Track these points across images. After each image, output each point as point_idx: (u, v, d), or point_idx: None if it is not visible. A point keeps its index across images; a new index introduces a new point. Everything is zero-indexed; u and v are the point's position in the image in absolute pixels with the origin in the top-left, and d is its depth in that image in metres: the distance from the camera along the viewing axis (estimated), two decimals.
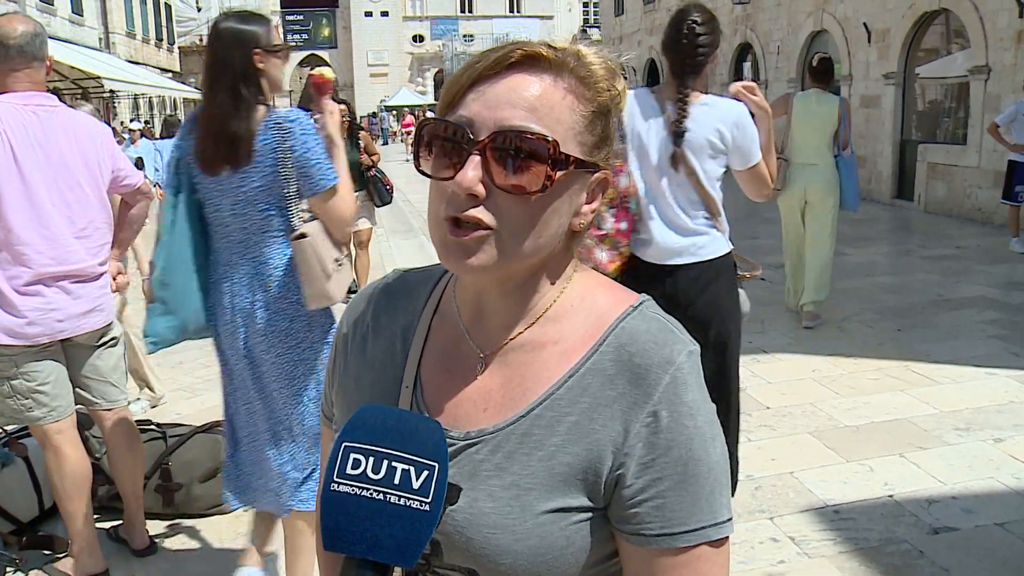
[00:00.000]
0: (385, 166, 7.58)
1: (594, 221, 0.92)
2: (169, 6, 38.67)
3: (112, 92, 23.69)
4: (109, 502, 3.45)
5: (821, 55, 6.53)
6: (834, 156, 5.94)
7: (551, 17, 58.48)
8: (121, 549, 3.28)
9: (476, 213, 0.82)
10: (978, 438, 4.11)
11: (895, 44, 12.66)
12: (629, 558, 0.87)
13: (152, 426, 3.70)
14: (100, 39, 28.41)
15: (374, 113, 41.18)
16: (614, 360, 0.87)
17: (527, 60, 0.84)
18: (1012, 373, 5.01)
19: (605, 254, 2.84)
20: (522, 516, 0.84)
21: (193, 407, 4.95)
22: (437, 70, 58.02)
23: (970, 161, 11.08)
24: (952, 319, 6.31)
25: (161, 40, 36.44)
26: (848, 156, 5.97)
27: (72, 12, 25.75)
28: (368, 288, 1.06)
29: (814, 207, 6.00)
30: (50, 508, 3.48)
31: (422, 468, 0.81)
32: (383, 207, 7.34)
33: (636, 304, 0.92)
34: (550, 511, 0.85)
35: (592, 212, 0.91)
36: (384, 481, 0.81)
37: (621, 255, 2.87)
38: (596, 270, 2.85)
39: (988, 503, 3.47)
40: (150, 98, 31.62)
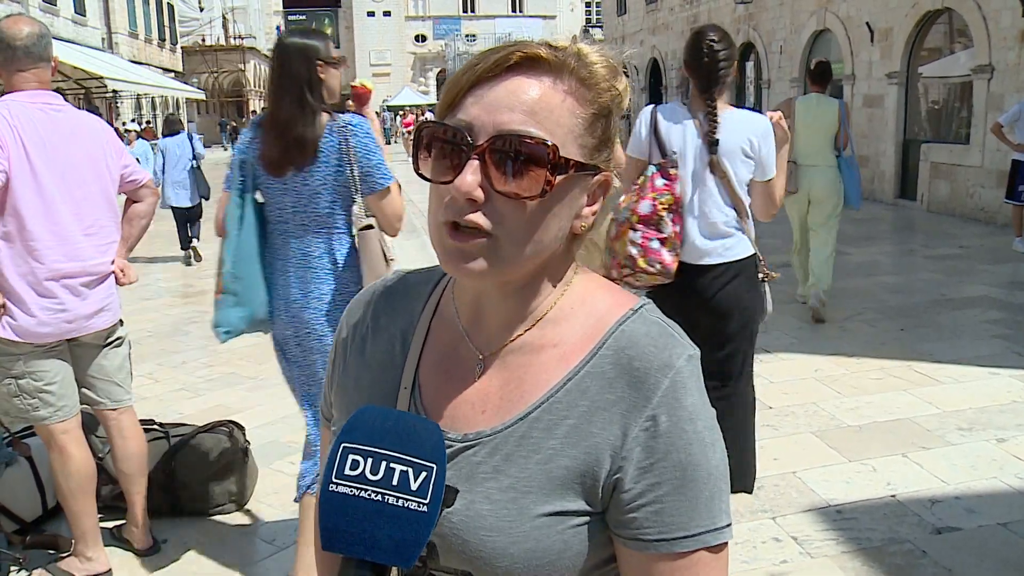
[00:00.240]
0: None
1: (595, 224, 0.91)
2: (172, 6, 38.72)
3: (115, 92, 23.78)
4: (112, 502, 3.46)
5: (818, 59, 6.85)
6: (836, 156, 6.20)
7: (553, 17, 58.49)
8: (124, 549, 3.29)
9: (475, 218, 0.81)
10: (981, 438, 4.10)
11: (898, 43, 12.64)
12: (627, 563, 0.86)
13: (155, 426, 3.70)
14: (103, 39, 28.46)
15: (376, 112, 41.21)
16: (613, 363, 0.86)
17: (527, 62, 0.82)
18: (1015, 373, 5.00)
19: (669, 255, 3.11)
20: (519, 519, 0.84)
21: (196, 407, 4.96)
22: (439, 70, 58.05)
23: (973, 161, 11.07)
24: (955, 319, 6.30)
25: (164, 40, 36.49)
26: (849, 156, 6.24)
27: (75, 12, 25.80)
28: (368, 289, 1.06)
29: (818, 206, 6.25)
30: (53, 507, 3.49)
31: (420, 469, 0.81)
32: None
33: (636, 307, 0.91)
34: (547, 514, 0.84)
35: (593, 215, 0.90)
36: (382, 482, 0.82)
37: (678, 256, 3.13)
38: (664, 271, 2.83)
39: (991, 503, 3.46)
40: (152, 98, 31.68)
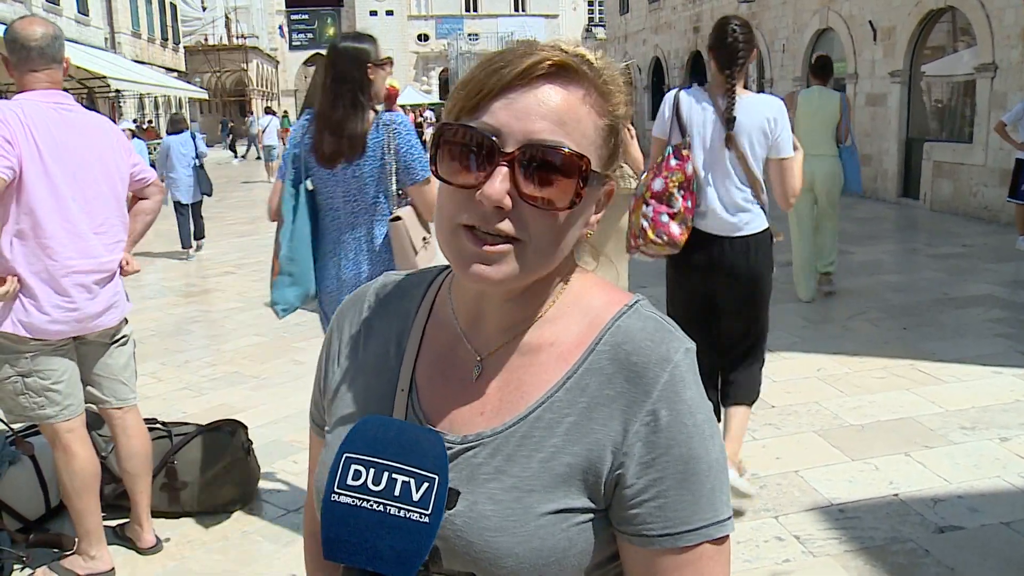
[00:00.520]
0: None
1: (595, 227, 0.91)
2: (174, 6, 38.76)
3: (118, 92, 23.80)
4: (115, 501, 3.46)
5: (820, 54, 7.38)
6: (837, 145, 6.68)
7: (556, 16, 58.45)
8: (127, 548, 3.29)
9: (503, 226, 0.80)
10: (984, 437, 4.10)
11: (901, 42, 12.62)
12: (630, 559, 0.86)
13: (158, 425, 3.70)
14: (106, 39, 28.49)
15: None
16: (611, 359, 0.86)
17: (556, 70, 0.82)
18: (1018, 372, 4.99)
19: (677, 228, 3.36)
20: (524, 518, 0.83)
21: (199, 406, 4.96)
22: (442, 69, 58.04)
23: (976, 159, 11.05)
24: (958, 318, 6.29)
25: (166, 40, 36.53)
26: (849, 145, 6.71)
27: (78, 12, 25.83)
28: (358, 293, 1.04)
29: (821, 193, 6.64)
30: (56, 506, 3.50)
31: (422, 480, 0.82)
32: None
33: (630, 303, 0.91)
34: (552, 512, 0.83)
35: (597, 222, 0.91)
36: (384, 493, 0.83)
37: (688, 228, 3.37)
38: (672, 242, 3.09)
39: (994, 502, 3.46)
40: (155, 98, 31.70)
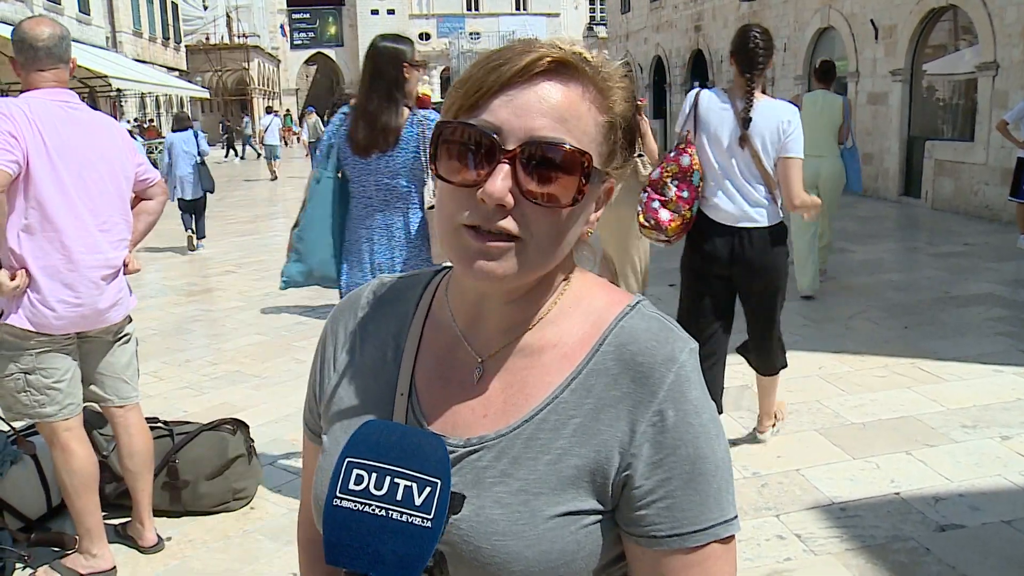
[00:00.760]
0: None
1: (595, 225, 0.91)
2: (176, 5, 38.77)
3: (119, 91, 23.81)
4: (116, 500, 3.47)
5: (823, 59, 7.62)
6: (839, 146, 6.90)
7: (557, 15, 58.44)
8: (128, 546, 3.30)
9: (505, 224, 0.79)
10: (985, 435, 4.09)
11: (902, 41, 12.61)
12: (638, 560, 0.85)
13: (159, 424, 3.71)
14: (107, 38, 28.50)
15: None
16: (616, 359, 0.86)
17: (556, 67, 0.81)
18: (1019, 370, 4.99)
19: (667, 214, 3.60)
20: (532, 521, 0.82)
21: (200, 405, 4.97)
22: (443, 68, 58.03)
23: (978, 158, 11.04)
24: (959, 316, 6.29)
25: (168, 39, 36.54)
26: (851, 147, 7.00)
27: (79, 11, 25.85)
28: (352, 296, 1.03)
29: (824, 191, 6.79)
30: (58, 505, 3.50)
31: (424, 485, 0.82)
32: None
33: (633, 303, 0.90)
34: (560, 515, 0.83)
35: (596, 220, 0.90)
36: (386, 497, 0.82)
37: (682, 217, 3.59)
38: (658, 226, 3.26)
39: (995, 500, 3.46)
40: (157, 97, 31.71)
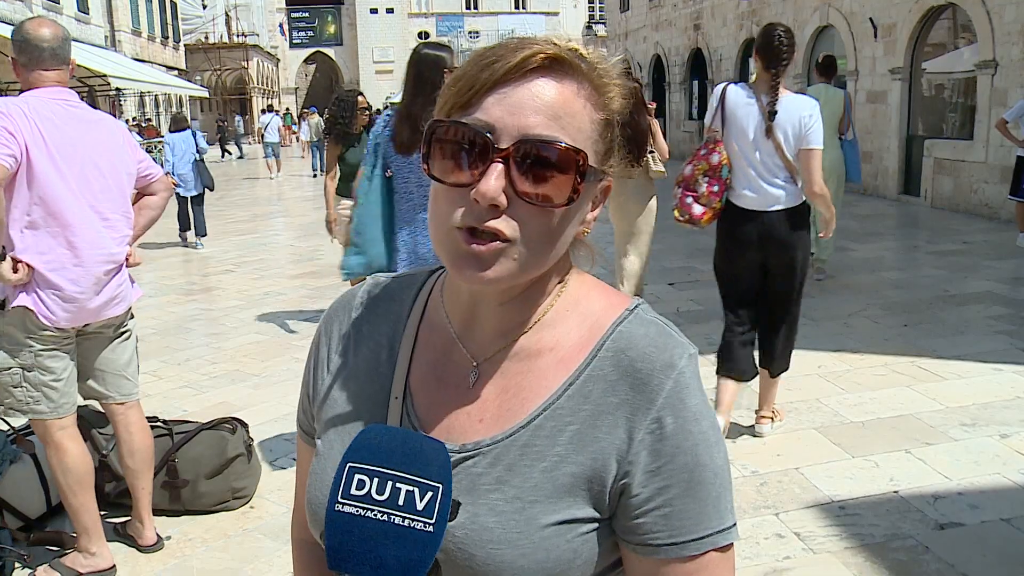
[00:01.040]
0: None
1: (592, 225, 0.89)
2: (175, 4, 38.72)
3: (118, 90, 23.78)
4: (116, 499, 3.47)
5: (826, 54, 7.86)
6: (840, 138, 7.07)
7: (556, 13, 58.39)
8: (128, 545, 3.30)
9: (498, 224, 0.77)
10: (984, 434, 4.10)
11: (901, 39, 12.61)
12: (635, 569, 0.84)
13: (159, 423, 3.71)
14: (106, 37, 28.47)
15: (378, 110, 41.23)
16: (614, 365, 0.84)
17: (549, 63, 0.80)
18: (1019, 369, 4.99)
19: (699, 208, 3.88)
20: (527, 530, 0.81)
21: (199, 404, 4.97)
22: None
23: (977, 156, 11.04)
24: (959, 315, 6.29)
25: (167, 38, 36.50)
26: (851, 139, 7.20)
27: (78, 10, 25.82)
28: (345, 296, 1.01)
29: (827, 184, 6.85)
30: (57, 505, 3.50)
31: (426, 489, 0.82)
32: None
33: (631, 307, 0.89)
34: (556, 523, 0.82)
35: (594, 219, 0.88)
36: (388, 502, 0.82)
37: (713, 209, 3.89)
38: (692, 220, 3.55)
39: (994, 499, 3.46)
40: (156, 96, 31.68)
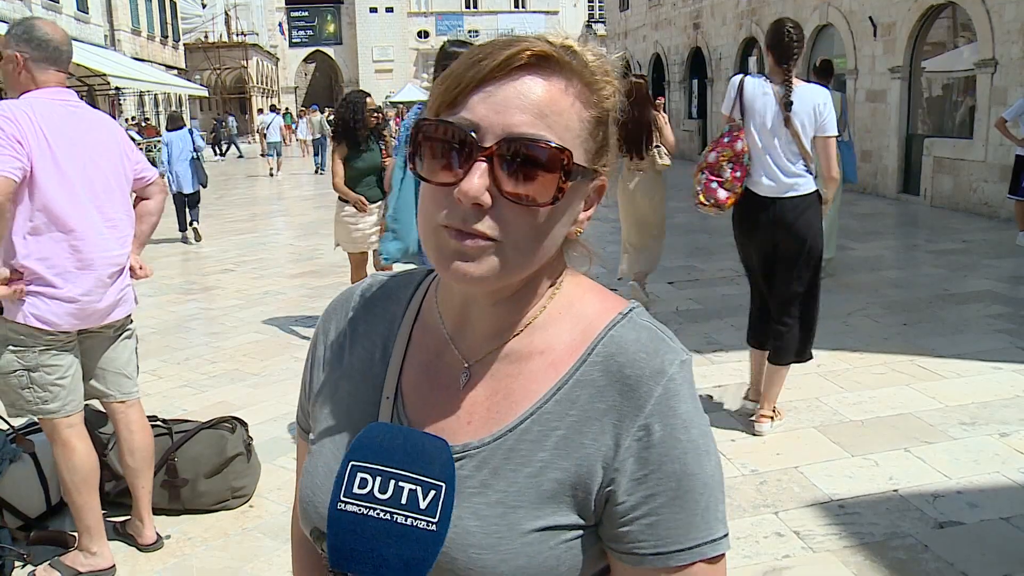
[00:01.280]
0: None
1: (585, 225, 0.88)
2: (174, 3, 38.69)
3: (118, 89, 23.78)
4: (116, 498, 3.47)
5: (823, 58, 8.19)
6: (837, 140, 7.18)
7: (556, 12, 58.37)
8: (128, 544, 3.30)
9: (481, 226, 0.76)
10: (984, 432, 4.10)
11: (901, 38, 12.61)
12: None
13: (158, 422, 3.71)
14: (105, 36, 28.45)
15: (379, 109, 41.19)
16: (603, 371, 0.83)
17: (536, 61, 0.78)
18: (1018, 367, 4.99)
19: (724, 194, 4.07)
20: (509, 535, 0.80)
21: (199, 403, 4.97)
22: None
23: (976, 155, 11.04)
24: (958, 313, 6.29)
25: (166, 37, 36.47)
26: (847, 139, 7.38)
27: (77, 10, 25.80)
28: (343, 295, 1.01)
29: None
30: (57, 504, 3.50)
31: (429, 488, 0.81)
32: None
33: (625, 311, 0.87)
34: (538, 529, 0.80)
35: (587, 219, 0.87)
36: (391, 501, 0.81)
37: (735, 194, 4.08)
38: (718, 204, 3.73)
39: (993, 497, 3.46)
40: (155, 95, 31.66)
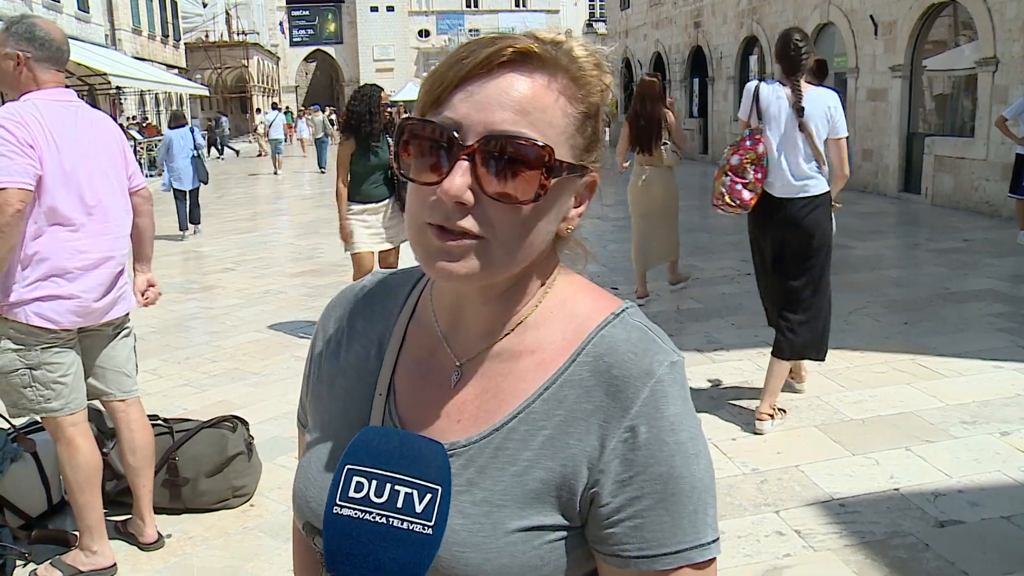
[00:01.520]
0: None
1: (578, 224, 0.87)
2: (175, 2, 38.69)
3: (118, 89, 23.80)
4: (117, 497, 3.47)
5: (817, 58, 7.94)
6: None
7: (557, 11, 58.34)
8: (129, 543, 3.30)
9: (464, 224, 0.76)
10: (984, 431, 4.10)
11: (902, 36, 12.60)
12: None
13: (159, 421, 3.71)
14: (106, 36, 28.45)
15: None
16: (592, 371, 0.83)
17: (519, 57, 0.77)
18: (1019, 366, 4.99)
19: (748, 194, 4.24)
20: (493, 534, 0.80)
21: (200, 402, 4.97)
22: None
23: (977, 154, 11.03)
24: (959, 312, 6.29)
25: (167, 36, 36.47)
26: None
27: (78, 9, 25.80)
28: (344, 292, 1.02)
29: None
30: (58, 503, 3.51)
31: (425, 491, 0.81)
32: None
33: (618, 311, 0.87)
34: (523, 529, 0.80)
35: (579, 216, 0.86)
36: (387, 505, 0.81)
37: (757, 194, 4.24)
38: (742, 205, 3.79)
39: (994, 496, 3.46)
40: (156, 94, 31.67)
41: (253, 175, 22.70)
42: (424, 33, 59.26)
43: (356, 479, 0.82)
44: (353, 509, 0.82)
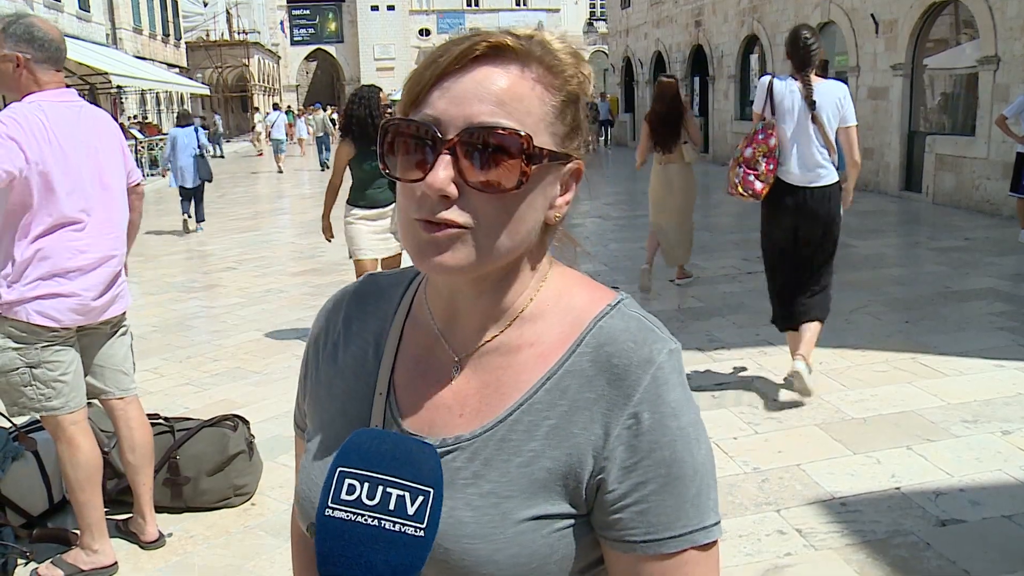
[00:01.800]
0: None
1: (567, 213, 0.88)
2: (176, 1, 38.69)
3: (119, 88, 23.81)
4: (118, 496, 3.47)
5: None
6: None
7: (557, 10, 58.33)
8: (130, 542, 3.30)
9: (449, 215, 0.78)
10: (986, 430, 4.09)
11: (903, 35, 12.59)
12: (614, 565, 0.84)
13: (160, 420, 3.71)
14: (107, 35, 28.46)
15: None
16: (592, 361, 0.84)
17: (492, 51, 0.80)
18: (1020, 365, 4.98)
19: (760, 184, 4.51)
20: (502, 525, 0.81)
21: (201, 401, 4.97)
22: None
23: (979, 152, 11.03)
24: (960, 311, 6.29)
25: (168, 36, 36.48)
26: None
27: (79, 8, 25.81)
28: (338, 294, 1.03)
29: None
30: (59, 502, 3.51)
31: (417, 493, 0.81)
32: None
33: (614, 302, 0.88)
34: (531, 519, 0.81)
35: (566, 204, 0.87)
36: (379, 507, 0.82)
37: (768, 184, 4.51)
38: (755, 195, 3.94)
39: (996, 495, 3.46)
40: (157, 93, 31.68)
41: (254, 174, 22.73)
42: (425, 32, 59.26)
43: (348, 481, 0.83)
44: (345, 511, 0.82)
